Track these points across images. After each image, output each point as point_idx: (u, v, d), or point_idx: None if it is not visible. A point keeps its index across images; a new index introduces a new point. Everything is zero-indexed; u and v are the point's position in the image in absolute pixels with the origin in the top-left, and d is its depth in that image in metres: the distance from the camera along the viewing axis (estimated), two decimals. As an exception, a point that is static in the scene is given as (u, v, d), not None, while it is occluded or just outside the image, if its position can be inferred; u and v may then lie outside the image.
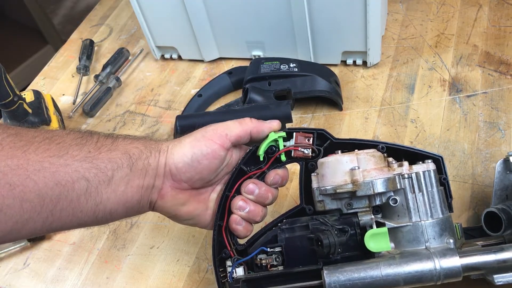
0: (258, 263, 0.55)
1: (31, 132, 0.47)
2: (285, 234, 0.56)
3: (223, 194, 0.58)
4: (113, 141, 0.51)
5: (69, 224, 0.48)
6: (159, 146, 0.54)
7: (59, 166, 0.45)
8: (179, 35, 0.96)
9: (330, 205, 0.56)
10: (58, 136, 0.48)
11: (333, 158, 0.55)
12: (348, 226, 0.54)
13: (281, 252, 0.55)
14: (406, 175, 0.54)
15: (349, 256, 0.54)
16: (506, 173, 0.61)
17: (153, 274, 0.71)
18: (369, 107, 0.84)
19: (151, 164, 0.52)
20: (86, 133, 0.51)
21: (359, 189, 0.53)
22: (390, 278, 0.50)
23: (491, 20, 0.92)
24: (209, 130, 0.56)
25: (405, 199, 0.54)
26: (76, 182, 0.46)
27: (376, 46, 0.86)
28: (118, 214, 0.52)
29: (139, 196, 0.52)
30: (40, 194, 0.44)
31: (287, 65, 0.84)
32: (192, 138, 0.55)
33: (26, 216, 0.43)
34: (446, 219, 0.54)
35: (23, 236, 0.46)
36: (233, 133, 0.56)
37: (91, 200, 0.48)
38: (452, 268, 0.50)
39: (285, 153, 0.59)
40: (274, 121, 0.59)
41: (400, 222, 0.54)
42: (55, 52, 1.13)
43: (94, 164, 0.48)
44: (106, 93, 0.96)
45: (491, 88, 0.82)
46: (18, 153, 0.44)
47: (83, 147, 0.48)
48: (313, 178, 0.57)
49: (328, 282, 0.50)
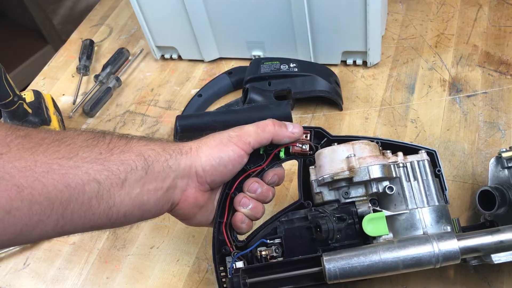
0: (258, 256, 0.55)
1: (41, 133, 0.46)
2: (284, 225, 0.57)
3: (223, 192, 0.59)
4: (126, 142, 0.50)
5: (82, 227, 0.47)
6: (180, 148, 0.53)
7: (69, 168, 0.44)
8: (179, 35, 0.96)
9: (328, 196, 0.57)
10: (69, 137, 0.47)
11: (330, 148, 0.57)
12: (346, 215, 0.55)
13: (281, 244, 0.56)
14: (401, 163, 0.56)
15: (348, 244, 0.55)
16: (499, 170, 0.62)
17: (153, 274, 0.71)
18: (369, 107, 0.84)
19: (171, 167, 0.51)
20: (99, 133, 0.49)
21: (356, 175, 0.54)
22: (389, 261, 0.50)
23: (491, 20, 0.92)
24: (233, 135, 0.55)
25: (401, 188, 0.55)
26: (86, 184, 0.45)
27: (376, 46, 0.86)
28: (134, 217, 0.50)
29: (155, 199, 0.51)
30: (49, 197, 0.43)
31: (287, 65, 0.84)
32: (218, 141, 0.55)
33: (35, 218, 0.42)
34: (443, 207, 0.55)
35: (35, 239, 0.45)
36: (256, 140, 0.56)
37: (103, 203, 0.46)
38: (451, 250, 0.50)
39: (284, 150, 0.60)
40: (296, 128, 0.58)
41: (397, 210, 0.55)
42: (55, 52, 1.13)
43: (106, 166, 0.46)
44: (106, 93, 0.96)
45: (491, 88, 0.82)
46: (26, 155, 0.43)
47: (94, 148, 0.47)
48: (311, 171, 0.59)
49: (328, 267, 0.51)
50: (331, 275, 0.51)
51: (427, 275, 0.63)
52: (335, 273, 0.50)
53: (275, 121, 0.58)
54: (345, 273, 0.51)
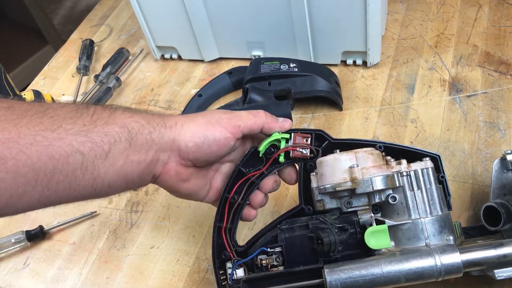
0: (258, 264, 0.55)
1: (24, 105, 0.46)
2: (285, 234, 0.56)
3: (223, 196, 0.58)
4: (110, 114, 0.50)
5: (67, 198, 0.48)
6: (165, 121, 0.53)
7: (52, 140, 0.44)
8: (179, 35, 0.96)
9: (330, 204, 0.56)
10: (52, 109, 0.47)
11: (332, 156, 0.56)
12: (348, 224, 0.54)
13: (281, 253, 0.55)
14: (404, 172, 0.55)
15: (349, 254, 0.54)
16: (503, 172, 0.62)
17: (153, 274, 0.71)
18: (369, 107, 0.84)
19: (154, 140, 0.51)
20: (82, 105, 0.49)
21: (358, 186, 0.53)
22: (391, 275, 0.50)
23: (491, 20, 0.92)
24: (223, 117, 0.55)
25: (404, 197, 0.54)
26: (70, 156, 0.45)
27: (376, 46, 0.86)
28: (119, 187, 0.51)
29: (139, 170, 0.51)
30: (34, 168, 0.43)
31: (287, 65, 0.84)
32: (206, 120, 0.55)
33: (20, 190, 0.43)
34: (446, 216, 0.54)
35: (21, 210, 0.45)
36: (246, 124, 0.56)
37: (87, 174, 0.47)
38: (453, 264, 0.50)
39: (283, 154, 0.59)
40: (286, 121, 0.59)
41: (399, 220, 0.54)
42: (55, 52, 1.13)
43: (89, 138, 0.47)
44: (106, 93, 0.96)
45: (491, 88, 0.82)
46: (9, 126, 0.43)
47: (78, 120, 0.47)
48: (312, 178, 0.57)
49: (329, 281, 0.50)
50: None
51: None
52: (336, 286, 0.50)
53: (266, 112, 0.59)
54: (346, 287, 0.50)
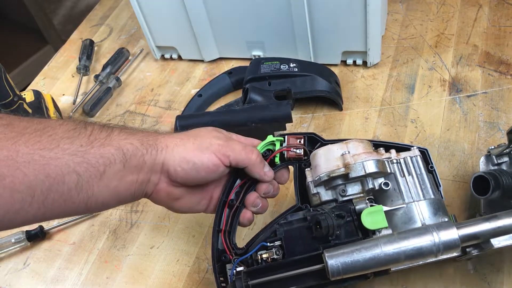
0: (258, 259, 0.55)
1: (23, 122, 0.47)
2: (284, 227, 0.57)
3: (221, 200, 0.59)
4: (107, 135, 0.51)
5: (62, 214, 0.49)
6: (157, 143, 0.54)
7: (50, 159, 0.46)
8: (179, 35, 0.96)
9: (325, 196, 0.58)
10: (51, 127, 0.48)
11: (325, 147, 0.59)
12: (345, 212, 0.55)
13: (281, 246, 0.56)
14: (394, 160, 0.58)
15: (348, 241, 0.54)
16: (489, 167, 0.64)
17: (153, 274, 0.71)
18: (369, 107, 0.84)
19: (146, 162, 0.53)
20: (81, 124, 0.51)
21: (352, 170, 0.55)
22: (391, 253, 0.50)
23: (491, 20, 0.92)
24: (214, 143, 0.56)
25: (396, 183, 0.57)
26: (66, 175, 0.46)
27: (376, 46, 0.86)
28: (111, 205, 0.53)
29: (132, 190, 0.53)
30: (30, 186, 0.44)
31: (287, 65, 0.84)
32: (197, 145, 0.55)
33: (17, 206, 0.44)
34: (439, 200, 0.56)
35: (17, 225, 0.47)
36: (236, 158, 0.56)
37: (82, 193, 0.48)
38: (451, 239, 0.50)
39: (278, 156, 0.60)
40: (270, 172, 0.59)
41: (394, 205, 0.55)
42: (55, 52, 1.13)
43: (85, 159, 0.48)
44: (106, 93, 0.96)
45: (491, 88, 0.82)
46: (8, 144, 0.44)
47: (75, 140, 0.48)
48: (307, 173, 0.59)
49: (330, 263, 0.51)
50: (334, 271, 0.50)
51: (427, 274, 0.63)
52: (337, 268, 0.50)
53: (260, 154, 0.59)
54: (347, 268, 0.50)
